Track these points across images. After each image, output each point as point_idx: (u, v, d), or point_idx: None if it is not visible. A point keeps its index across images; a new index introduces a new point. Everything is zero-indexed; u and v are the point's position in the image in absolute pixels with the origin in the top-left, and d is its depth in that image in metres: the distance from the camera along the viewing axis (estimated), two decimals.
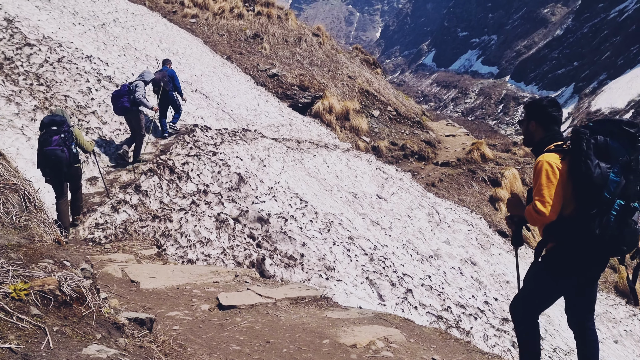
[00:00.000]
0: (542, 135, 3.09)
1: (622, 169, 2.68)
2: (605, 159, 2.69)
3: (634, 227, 2.70)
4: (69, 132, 6.49)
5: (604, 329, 10.36)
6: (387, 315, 4.79)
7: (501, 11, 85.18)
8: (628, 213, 2.68)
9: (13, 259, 2.42)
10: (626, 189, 2.67)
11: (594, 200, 2.69)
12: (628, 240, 2.71)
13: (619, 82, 48.30)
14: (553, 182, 2.78)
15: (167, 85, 10.29)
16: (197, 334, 3.76)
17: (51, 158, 6.28)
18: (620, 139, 2.70)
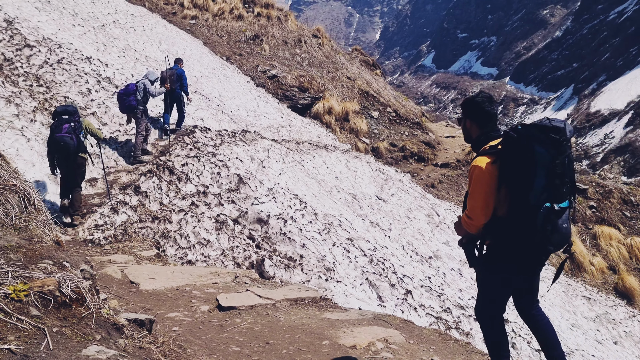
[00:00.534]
0: (477, 132, 3.12)
1: (548, 173, 2.73)
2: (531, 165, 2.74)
3: (561, 227, 2.78)
4: (78, 122, 6.97)
5: (603, 330, 10.36)
6: (386, 317, 4.79)
7: (500, 13, 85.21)
8: (554, 215, 2.75)
9: (13, 260, 2.43)
10: (551, 192, 2.75)
11: (521, 203, 2.77)
12: (555, 240, 2.79)
13: (618, 84, 48.30)
14: (484, 188, 2.84)
15: (174, 84, 10.62)
16: (196, 335, 3.76)
17: (60, 144, 6.71)
18: (546, 145, 2.74)
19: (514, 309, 8.73)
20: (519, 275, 2.99)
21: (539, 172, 2.73)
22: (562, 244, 2.86)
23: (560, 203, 2.77)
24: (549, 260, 12.86)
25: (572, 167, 2.86)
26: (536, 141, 2.74)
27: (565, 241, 2.86)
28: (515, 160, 2.77)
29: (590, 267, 13.02)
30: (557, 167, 2.73)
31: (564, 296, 11.16)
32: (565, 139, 2.74)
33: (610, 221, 14.77)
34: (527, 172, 2.74)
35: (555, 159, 2.73)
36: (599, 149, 41.49)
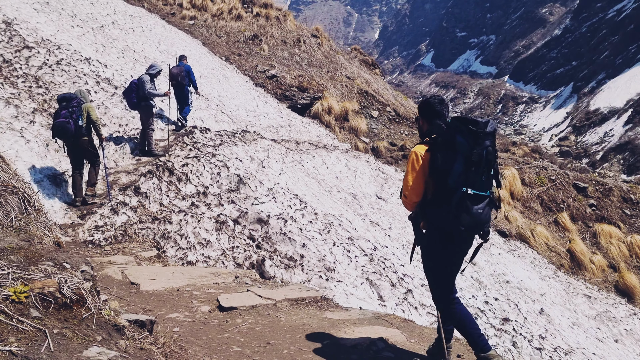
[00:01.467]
0: (426, 128, 3.45)
1: (466, 161, 3.06)
2: (451, 152, 3.09)
3: (476, 212, 3.08)
4: (77, 107, 7.32)
5: (604, 328, 10.36)
6: (387, 316, 4.78)
7: (499, 11, 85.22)
8: (468, 198, 3.06)
9: (13, 262, 2.42)
10: (468, 179, 3.06)
11: (441, 186, 3.12)
12: (466, 222, 3.07)
13: (617, 82, 48.31)
14: (417, 170, 3.21)
15: (184, 80, 11.15)
16: (197, 335, 3.76)
17: (58, 129, 7.18)
18: (466, 136, 3.08)
19: (514, 307, 8.74)
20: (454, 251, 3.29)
21: (458, 158, 3.07)
22: (474, 227, 3.14)
23: (476, 190, 3.09)
24: (549, 259, 12.86)
25: (493, 159, 3.15)
26: (458, 132, 3.10)
27: (478, 225, 3.14)
28: (440, 147, 3.14)
29: (590, 266, 13.02)
30: (474, 156, 3.05)
31: (564, 294, 11.16)
32: (483, 132, 3.07)
33: (611, 219, 14.77)
34: (448, 158, 3.09)
35: (473, 148, 3.06)
36: (598, 147, 41.51)
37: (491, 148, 3.13)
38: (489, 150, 3.11)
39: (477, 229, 3.19)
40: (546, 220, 14.79)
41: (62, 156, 8.21)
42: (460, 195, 3.06)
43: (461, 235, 3.21)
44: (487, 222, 3.19)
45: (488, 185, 3.19)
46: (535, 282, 11.00)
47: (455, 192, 3.07)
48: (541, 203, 15.31)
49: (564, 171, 16.96)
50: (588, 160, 40.35)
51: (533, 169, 16.54)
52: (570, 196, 15.43)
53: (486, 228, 3.22)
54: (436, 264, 3.34)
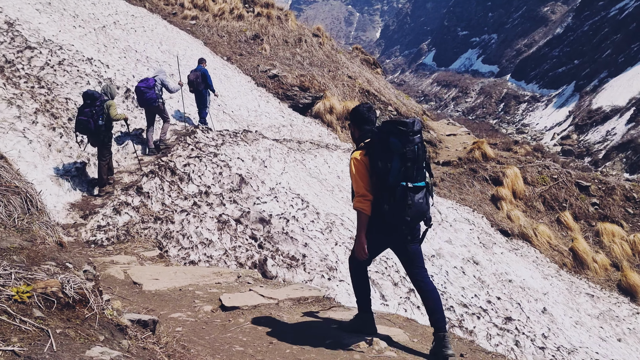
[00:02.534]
0: (358, 134, 3.78)
1: (401, 159, 3.40)
2: (387, 153, 3.42)
3: (417, 202, 3.45)
4: (100, 107, 7.78)
5: (607, 327, 10.34)
6: (389, 315, 4.78)
7: (501, 10, 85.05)
8: (410, 191, 3.42)
9: (15, 262, 2.42)
10: (406, 174, 3.41)
11: (382, 184, 3.46)
12: (411, 212, 3.43)
13: (619, 80, 48.17)
14: (362, 173, 3.54)
15: (200, 86, 11.53)
16: (200, 335, 3.76)
17: (79, 126, 7.75)
18: (398, 136, 3.41)
19: (517, 307, 8.73)
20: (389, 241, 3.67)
21: (394, 157, 3.41)
22: (418, 216, 3.51)
23: (414, 182, 3.45)
24: (552, 258, 12.84)
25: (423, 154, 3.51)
26: (390, 134, 3.43)
27: (421, 214, 3.51)
28: (377, 150, 3.48)
29: (593, 264, 13.00)
30: (408, 153, 3.41)
31: (567, 294, 11.14)
32: (412, 131, 3.43)
33: (613, 218, 14.74)
34: (385, 158, 3.43)
35: (405, 147, 3.40)
36: (600, 145, 41.41)
37: (421, 144, 3.49)
38: (420, 146, 3.47)
39: (421, 217, 3.55)
40: (548, 219, 14.77)
41: (65, 156, 8.22)
42: (401, 190, 3.40)
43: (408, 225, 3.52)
44: (428, 209, 3.57)
45: (422, 176, 3.53)
46: (538, 281, 10.99)
47: (397, 188, 3.40)
48: (543, 202, 15.29)
49: (566, 170, 16.93)
50: (590, 159, 40.25)
51: (535, 168, 16.51)
52: (573, 195, 15.40)
53: (428, 214, 3.59)
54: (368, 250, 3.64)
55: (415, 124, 3.46)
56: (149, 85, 9.74)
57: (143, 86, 9.73)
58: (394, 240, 3.67)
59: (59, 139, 8.44)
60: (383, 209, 3.46)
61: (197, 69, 11.71)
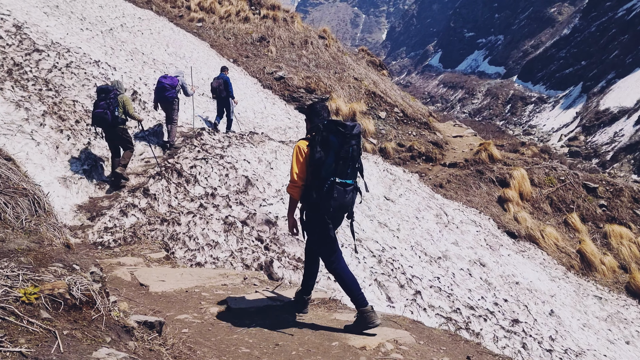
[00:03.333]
0: (309, 127, 4.17)
1: (336, 156, 3.77)
2: (325, 148, 3.79)
3: (343, 197, 3.80)
4: (114, 99, 8.05)
5: (615, 329, 10.26)
6: (396, 317, 4.77)
7: (507, 11, 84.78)
8: (337, 185, 3.77)
9: (23, 263, 2.44)
10: (337, 170, 3.78)
11: (315, 176, 3.82)
12: (334, 205, 3.79)
13: (627, 81, 47.87)
14: (300, 161, 3.90)
15: (222, 93, 11.96)
16: (206, 336, 3.76)
17: (97, 118, 8.01)
18: (337, 136, 3.79)
19: (524, 309, 8.68)
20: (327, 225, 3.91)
21: (330, 154, 3.79)
22: (341, 209, 3.88)
23: (343, 179, 3.81)
24: (559, 260, 12.76)
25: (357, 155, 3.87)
26: (331, 132, 3.81)
27: (344, 208, 3.87)
28: (317, 144, 3.82)
29: (601, 267, 12.91)
30: (342, 152, 3.78)
31: (574, 296, 11.07)
32: (350, 134, 3.79)
33: (621, 220, 14.64)
34: (323, 152, 3.80)
35: (342, 146, 3.78)
36: (608, 147, 41.15)
37: (356, 146, 3.85)
38: (354, 148, 3.83)
39: (344, 211, 3.92)
40: (556, 220, 14.69)
41: (72, 158, 8.27)
42: (330, 183, 3.77)
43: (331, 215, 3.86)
44: (352, 205, 3.95)
45: (353, 175, 3.90)
46: (545, 283, 10.92)
47: (327, 181, 3.78)
48: (551, 204, 15.21)
49: (574, 171, 16.83)
50: (598, 161, 40.00)
51: (542, 169, 16.43)
52: (580, 197, 15.31)
53: (351, 210, 3.97)
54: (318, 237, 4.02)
55: (354, 128, 3.84)
56: (173, 84, 10.13)
57: (168, 84, 10.09)
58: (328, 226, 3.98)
59: (66, 141, 8.49)
60: (312, 196, 3.85)
61: (219, 76, 12.07)
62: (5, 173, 3.62)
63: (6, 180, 3.51)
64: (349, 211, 3.96)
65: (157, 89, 10.21)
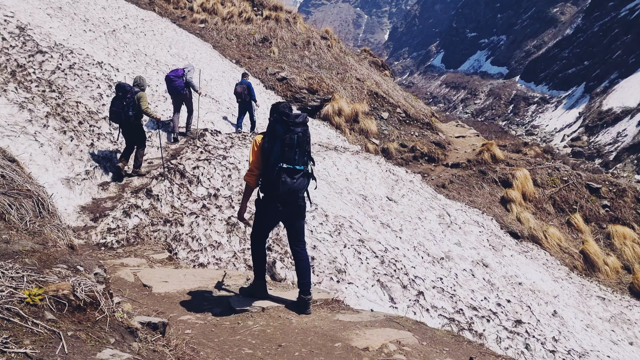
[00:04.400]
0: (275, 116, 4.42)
1: (282, 143, 4.15)
2: (272, 138, 4.19)
3: (291, 182, 4.16)
4: (130, 99, 8.39)
5: (618, 330, 10.24)
6: (399, 318, 4.77)
7: (510, 11, 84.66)
8: (285, 171, 4.14)
9: (27, 264, 2.45)
10: (284, 156, 4.15)
11: (266, 163, 4.21)
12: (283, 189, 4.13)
13: (630, 81, 47.76)
14: (256, 152, 4.29)
15: (246, 97, 12.77)
16: (209, 337, 3.77)
17: (113, 116, 8.49)
18: (282, 125, 4.18)
19: (527, 309, 8.66)
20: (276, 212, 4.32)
21: (277, 142, 4.16)
22: (290, 193, 4.20)
23: (290, 165, 4.16)
24: (562, 260, 12.74)
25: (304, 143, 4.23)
26: (277, 122, 4.21)
27: (292, 191, 4.20)
28: (267, 134, 4.25)
29: (604, 267, 12.88)
30: (287, 139, 4.14)
31: (578, 297, 11.05)
32: (293, 122, 4.18)
33: (624, 220, 14.61)
34: (270, 141, 4.19)
35: (286, 134, 4.15)
36: (611, 147, 41.07)
37: (302, 134, 4.21)
38: (300, 136, 4.19)
39: (293, 194, 4.23)
40: (559, 221, 14.66)
41: (75, 159, 8.30)
42: (278, 169, 4.13)
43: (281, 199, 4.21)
44: (301, 189, 4.28)
45: (302, 162, 4.24)
46: (548, 284, 10.90)
47: (275, 167, 4.14)
48: (553, 204, 15.18)
49: (577, 172, 16.80)
50: (601, 161, 39.93)
51: (545, 169, 16.41)
52: (583, 197, 15.28)
53: (301, 194, 4.31)
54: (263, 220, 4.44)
55: (297, 117, 4.24)
56: (177, 74, 10.71)
57: (172, 75, 10.71)
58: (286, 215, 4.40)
59: (69, 142, 8.51)
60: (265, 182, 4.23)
61: (242, 82, 12.90)
62: (9, 174, 3.64)
63: (10, 182, 3.53)
64: (300, 195, 4.30)
65: (166, 83, 10.93)
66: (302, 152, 4.24)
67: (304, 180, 4.27)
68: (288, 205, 4.30)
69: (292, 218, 4.45)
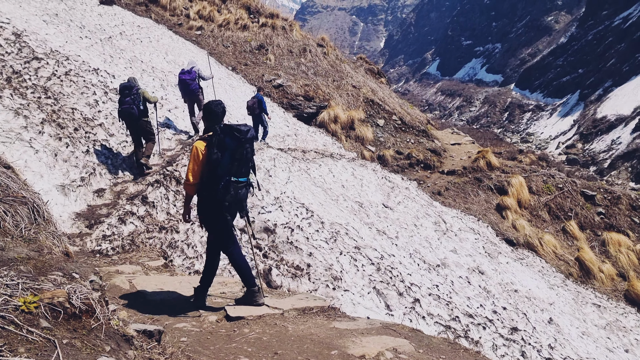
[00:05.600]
0: (206, 126, 4.58)
1: (231, 157, 4.29)
2: (221, 150, 4.29)
3: (237, 193, 4.34)
4: (137, 94, 8.77)
5: (614, 338, 10.25)
6: (395, 325, 4.76)
7: (505, 20, 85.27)
8: (232, 183, 4.29)
9: (23, 272, 2.44)
10: (232, 169, 4.30)
11: (212, 174, 4.31)
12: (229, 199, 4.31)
13: (624, 89, 48.09)
14: (196, 160, 4.34)
15: (256, 110, 13.14)
16: (205, 345, 3.75)
17: (125, 113, 8.75)
18: (232, 138, 4.32)
19: (523, 317, 8.65)
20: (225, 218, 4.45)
21: (226, 154, 4.29)
22: (236, 203, 4.41)
23: (237, 177, 4.33)
24: (557, 267, 12.76)
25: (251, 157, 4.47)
26: (227, 135, 4.32)
27: (238, 202, 4.41)
28: (214, 145, 4.29)
29: (599, 274, 12.91)
30: (237, 154, 4.30)
31: (573, 304, 11.06)
32: (244, 138, 4.33)
33: (619, 227, 14.66)
34: (219, 153, 4.28)
35: (237, 149, 4.30)
36: (606, 154, 41.28)
37: (250, 149, 4.42)
38: (248, 151, 4.40)
39: (238, 205, 4.45)
40: (554, 228, 14.70)
41: (71, 166, 8.27)
42: (226, 181, 4.27)
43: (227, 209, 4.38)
44: (245, 200, 4.50)
45: (246, 174, 4.45)
46: (544, 291, 10.91)
47: (222, 179, 4.27)
48: (549, 211, 15.23)
49: (572, 179, 16.87)
50: (596, 168, 40.11)
51: (540, 177, 16.47)
52: (578, 204, 15.33)
53: (245, 205, 4.53)
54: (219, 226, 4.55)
55: (248, 132, 4.39)
56: (192, 77, 11.07)
57: (188, 78, 11.01)
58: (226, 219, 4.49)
59: (65, 148, 8.49)
60: (210, 193, 4.35)
61: (255, 96, 13.34)
62: (4, 181, 3.62)
63: (5, 189, 3.51)
64: (244, 205, 4.51)
65: (180, 85, 11.22)
66: (248, 165, 4.47)
67: (247, 190, 4.50)
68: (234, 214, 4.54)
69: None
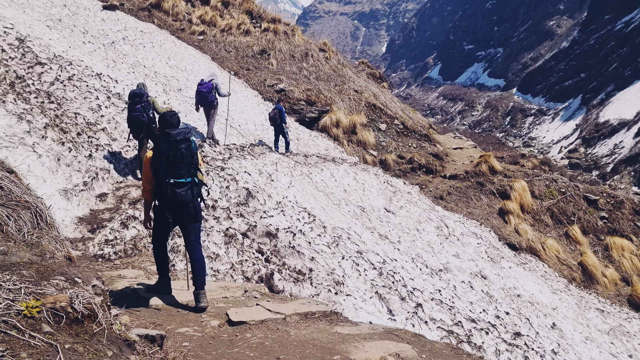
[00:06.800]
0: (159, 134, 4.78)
1: (167, 160, 4.58)
2: (159, 154, 4.60)
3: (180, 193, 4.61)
4: (147, 101, 8.87)
5: (618, 343, 10.20)
6: (397, 331, 4.74)
7: (507, 24, 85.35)
8: (172, 184, 4.57)
9: (25, 276, 2.44)
10: (170, 171, 4.58)
11: (156, 176, 4.63)
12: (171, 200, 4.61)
13: (626, 93, 48.04)
14: (147, 168, 4.68)
15: (277, 121, 13.61)
16: (207, 350, 3.75)
17: (135, 121, 8.86)
18: (166, 142, 4.61)
19: (526, 322, 8.62)
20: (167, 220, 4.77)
21: (162, 158, 4.59)
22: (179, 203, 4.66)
23: (176, 179, 4.60)
24: (560, 272, 12.72)
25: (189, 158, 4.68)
26: (162, 140, 4.64)
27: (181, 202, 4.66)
28: (155, 151, 4.65)
29: (603, 279, 12.87)
30: (170, 156, 4.58)
31: (576, 309, 11.02)
32: (175, 140, 4.61)
33: (622, 232, 14.62)
34: (157, 157, 4.61)
35: (170, 151, 4.59)
36: (608, 159, 41.21)
37: (185, 150, 4.64)
38: (183, 152, 4.62)
39: (182, 205, 4.68)
40: (557, 233, 14.66)
41: (73, 171, 8.29)
42: (166, 183, 4.55)
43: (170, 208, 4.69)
44: (190, 200, 4.71)
45: (189, 174, 4.69)
46: (547, 296, 10.88)
47: (164, 181, 4.56)
48: (551, 216, 15.20)
49: (574, 183, 16.84)
50: (598, 173, 40.04)
51: (543, 181, 16.44)
52: (581, 209, 15.30)
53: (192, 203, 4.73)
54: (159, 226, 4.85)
55: (178, 135, 4.65)
56: (209, 89, 11.41)
57: (205, 90, 11.37)
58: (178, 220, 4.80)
59: (67, 153, 8.51)
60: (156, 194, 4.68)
61: (276, 107, 13.81)
62: (7, 186, 3.63)
63: (8, 193, 3.52)
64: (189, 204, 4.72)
65: (197, 95, 11.56)
66: (188, 166, 4.68)
67: (193, 190, 4.71)
68: (178, 214, 4.75)
69: (183, 223, 4.83)
